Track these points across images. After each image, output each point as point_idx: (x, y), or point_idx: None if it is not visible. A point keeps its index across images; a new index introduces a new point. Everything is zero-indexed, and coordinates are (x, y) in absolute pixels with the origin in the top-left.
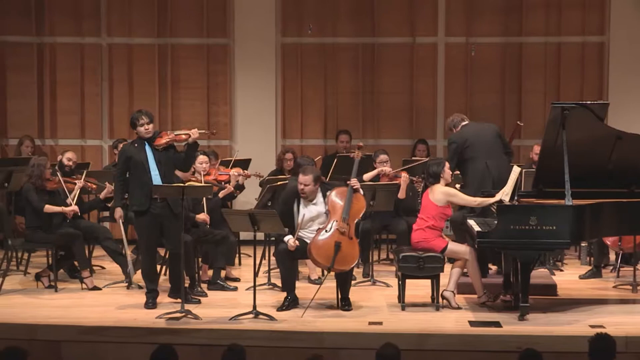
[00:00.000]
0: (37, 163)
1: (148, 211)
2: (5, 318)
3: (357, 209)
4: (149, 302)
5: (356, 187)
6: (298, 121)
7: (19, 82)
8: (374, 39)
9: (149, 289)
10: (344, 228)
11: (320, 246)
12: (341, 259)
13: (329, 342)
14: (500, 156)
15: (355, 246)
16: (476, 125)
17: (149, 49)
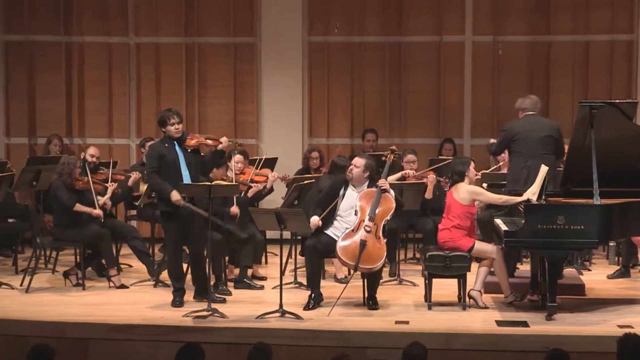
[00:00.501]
0: (67, 162)
1: (177, 211)
2: (34, 316)
3: (385, 209)
4: (176, 300)
5: (385, 187)
6: (324, 120)
7: (47, 81)
8: (401, 38)
9: (176, 287)
10: (370, 227)
11: (346, 245)
12: (366, 257)
13: (356, 341)
14: (544, 157)
15: (382, 246)
16: (533, 120)
17: (177, 48)
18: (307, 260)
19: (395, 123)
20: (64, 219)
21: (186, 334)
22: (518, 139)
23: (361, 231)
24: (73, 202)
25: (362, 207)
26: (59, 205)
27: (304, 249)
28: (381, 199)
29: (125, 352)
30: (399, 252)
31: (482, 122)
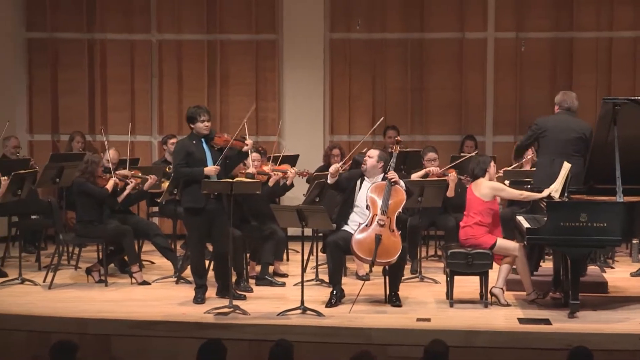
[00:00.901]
0: (91, 160)
1: (203, 208)
2: (57, 312)
3: (396, 201)
4: (198, 297)
5: (394, 179)
6: (346, 117)
7: (70, 78)
8: (423, 35)
9: (198, 284)
10: (384, 221)
11: (362, 240)
12: (383, 251)
13: (377, 338)
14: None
15: (397, 238)
16: (566, 119)
17: (199, 45)
18: (328, 256)
19: (416, 120)
20: (87, 215)
21: (208, 330)
22: (546, 135)
23: (375, 225)
24: (105, 190)
25: (373, 200)
26: (86, 202)
27: (326, 246)
28: (392, 191)
29: (147, 348)
30: (420, 249)
31: (504, 119)
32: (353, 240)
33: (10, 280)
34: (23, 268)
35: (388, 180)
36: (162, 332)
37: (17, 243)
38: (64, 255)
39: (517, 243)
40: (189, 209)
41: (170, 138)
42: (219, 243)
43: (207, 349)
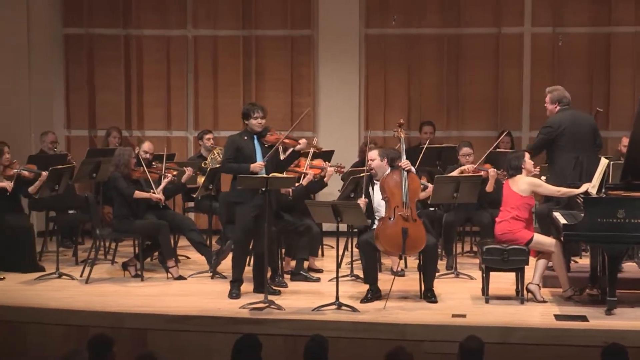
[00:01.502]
0: (122, 152)
1: (250, 202)
2: (93, 306)
3: (413, 189)
4: (233, 291)
5: (408, 168)
6: (381, 113)
7: (106, 74)
8: (459, 30)
9: (235, 278)
10: (407, 213)
11: (388, 235)
12: (411, 244)
13: (411, 334)
14: (592, 149)
15: (421, 227)
16: (575, 113)
17: (234, 41)
18: (362, 255)
19: (452, 115)
20: (123, 210)
21: (243, 325)
22: (564, 132)
23: (397, 218)
24: (132, 190)
25: (390, 191)
26: (119, 195)
27: (359, 245)
28: (408, 180)
29: (183, 342)
30: (456, 245)
31: (541, 114)
32: (379, 236)
33: (47, 274)
34: (60, 262)
35: (402, 170)
36: (197, 327)
37: (54, 238)
38: (101, 249)
39: (553, 239)
40: (236, 203)
41: (205, 133)
42: (260, 239)
43: (242, 344)
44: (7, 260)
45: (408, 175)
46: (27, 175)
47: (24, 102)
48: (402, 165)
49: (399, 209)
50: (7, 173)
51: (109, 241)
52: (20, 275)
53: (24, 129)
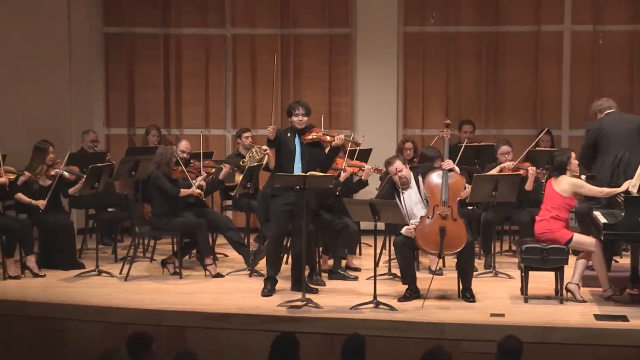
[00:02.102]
0: (164, 152)
1: (285, 197)
2: (132, 304)
3: (455, 189)
4: (266, 288)
5: (450, 167)
6: (419, 111)
7: (146, 73)
8: (498, 28)
9: (269, 275)
10: (446, 211)
11: (426, 234)
12: (448, 242)
13: (450, 333)
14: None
15: (461, 227)
16: (618, 115)
17: (272, 40)
18: (398, 256)
19: (491, 114)
20: (162, 208)
21: (281, 323)
22: (605, 135)
23: (436, 217)
24: (177, 190)
25: (431, 190)
26: (160, 194)
27: (394, 246)
28: (449, 179)
29: (221, 340)
30: (494, 244)
31: (581, 113)
32: (417, 234)
33: (87, 271)
34: (100, 260)
35: (444, 170)
36: (235, 325)
37: (94, 235)
38: (140, 247)
39: (593, 239)
40: (272, 196)
41: (244, 132)
42: (298, 236)
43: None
44: (47, 258)
45: (449, 174)
46: (69, 177)
47: (64, 101)
48: (443, 165)
49: (438, 208)
50: (49, 172)
51: (147, 239)
52: (61, 273)
53: (64, 127)
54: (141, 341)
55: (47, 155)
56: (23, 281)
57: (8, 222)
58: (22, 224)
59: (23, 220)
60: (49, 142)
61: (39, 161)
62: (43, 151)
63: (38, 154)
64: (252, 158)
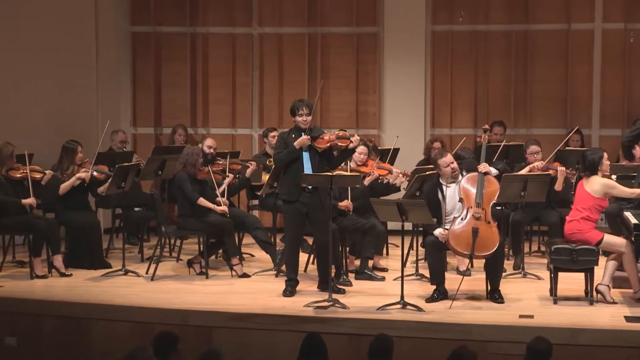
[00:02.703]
0: (191, 152)
1: (297, 201)
2: (159, 303)
3: (490, 192)
4: (287, 290)
5: (486, 170)
6: (447, 110)
7: (172, 72)
8: (528, 26)
9: (289, 277)
10: (479, 213)
11: (458, 235)
12: (480, 244)
13: (477, 335)
14: None
15: (494, 230)
16: None
17: (299, 39)
18: (428, 256)
19: (520, 113)
20: (188, 208)
21: (307, 324)
22: None
23: (470, 218)
24: (197, 195)
25: (466, 192)
26: (183, 197)
27: (425, 246)
28: (484, 182)
29: (247, 340)
30: (523, 244)
31: (612, 112)
32: (449, 235)
33: (114, 271)
34: (126, 259)
35: (480, 173)
36: (261, 325)
37: (120, 235)
38: (166, 247)
39: (624, 239)
40: (284, 201)
41: (270, 131)
42: (319, 236)
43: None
44: (74, 257)
45: (485, 178)
46: (98, 176)
47: (91, 100)
48: (479, 168)
49: (472, 209)
50: (78, 172)
51: (174, 238)
52: (87, 272)
53: (91, 126)
54: (167, 341)
55: (76, 155)
56: (50, 280)
57: (35, 221)
58: (49, 223)
59: (50, 220)
60: (77, 141)
61: (68, 161)
62: (72, 151)
63: (67, 154)
64: None
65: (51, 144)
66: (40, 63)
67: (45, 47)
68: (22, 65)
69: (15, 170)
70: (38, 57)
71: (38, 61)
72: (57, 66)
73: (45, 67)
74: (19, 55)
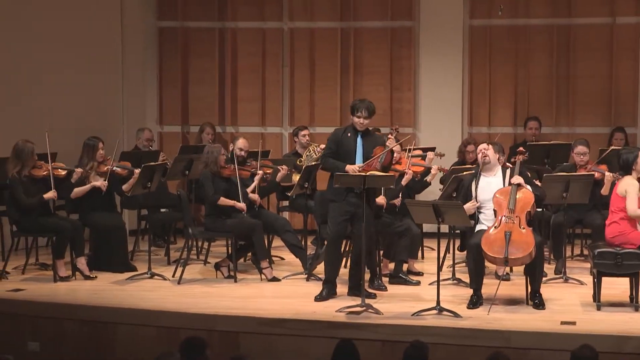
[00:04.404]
0: (210, 150)
1: (344, 200)
2: (186, 308)
3: (524, 200)
4: (323, 293)
5: (518, 182)
6: (486, 108)
7: (200, 68)
8: (570, 20)
9: (327, 278)
10: (513, 219)
11: (492, 240)
12: (514, 248)
13: (517, 342)
14: None
15: (529, 235)
16: None
17: (332, 33)
18: (470, 258)
19: (562, 111)
20: (214, 209)
21: (339, 330)
22: None
23: (502, 225)
24: (219, 195)
25: (499, 203)
26: None
27: (468, 248)
28: (517, 191)
29: (277, 346)
30: (565, 248)
31: None
32: (483, 242)
33: (139, 274)
34: (152, 262)
35: (513, 185)
36: (292, 331)
37: (146, 236)
38: (193, 249)
39: None
40: (330, 201)
41: (301, 129)
42: (357, 239)
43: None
44: (98, 259)
45: (517, 188)
46: (120, 172)
47: (116, 97)
48: (513, 180)
49: (505, 218)
50: (100, 169)
51: (201, 241)
52: (112, 275)
53: (116, 124)
54: (195, 347)
55: (97, 152)
56: (73, 283)
57: (59, 222)
58: (73, 225)
59: (74, 221)
60: (99, 138)
61: (89, 158)
62: (93, 148)
63: (88, 151)
64: (310, 157)
65: (75, 142)
66: (65, 59)
67: (70, 42)
68: (46, 61)
69: (39, 169)
70: (62, 53)
71: (62, 57)
72: (81, 62)
73: (69, 64)
74: (43, 52)
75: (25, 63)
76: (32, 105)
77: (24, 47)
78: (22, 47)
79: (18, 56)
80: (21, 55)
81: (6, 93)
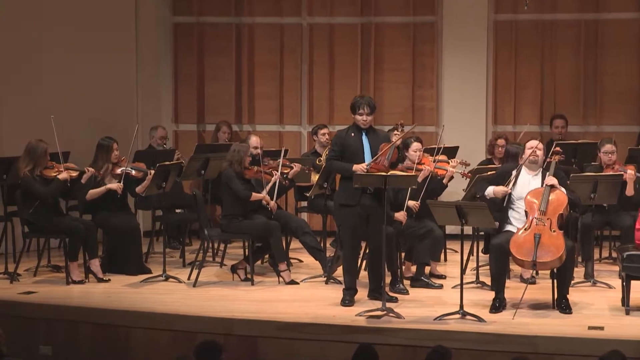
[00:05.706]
0: (238, 149)
1: (358, 204)
2: (202, 311)
3: (557, 202)
4: (346, 299)
5: (552, 183)
6: (511, 106)
7: (216, 64)
8: (599, 15)
9: (348, 285)
10: (543, 221)
11: (520, 243)
12: (543, 251)
13: (543, 347)
14: None
15: (560, 238)
16: None
17: (352, 29)
18: (492, 259)
19: (589, 108)
20: (232, 209)
21: (359, 334)
22: None
23: (532, 227)
24: (249, 192)
25: (530, 205)
26: (230, 194)
27: (490, 248)
28: (550, 193)
29: (295, 351)
30: (593, 250)
31: None
32: (511, 244)
33: (154, 277)
34: (167, 264)
35: (547, 186)
36: (310, 335)
37: (161, 238)
38: (209, 251)
39: None
40: (343, 205)
41: (320, 128)
42: (375, 241)
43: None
44: (112, 262)
45: (551, 190)
46: (135, 174)
47: (130, 95)
48: (546, 181)
49: (536, 219)
50: (115, 171)
51: (217, 242)
52: (126, 278)
53: (130, 123)
54: (210, 351)
55: (111, 153)
56: (87, 286)
57: (72, 223)
58: (86, 226)
59: (87, 222)
60: (113, 138)
61: (103, 159)
62: (107, 148)
63: (102, 152)
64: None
65: (88, 141)
66: (78, 56)
67: (83, 38)
68: (59, 58)
69: (50, 169)
70: (75, 49)
71: (75, 53)
72: (95, 59)
73: (82, 60)
74: (55, 48)
75: (37, 60)
76: (44, 104)
77: (35, 45)
78: (33, 46)
79: (30, 55)
80: (33, 53)
81: (17, 92)
